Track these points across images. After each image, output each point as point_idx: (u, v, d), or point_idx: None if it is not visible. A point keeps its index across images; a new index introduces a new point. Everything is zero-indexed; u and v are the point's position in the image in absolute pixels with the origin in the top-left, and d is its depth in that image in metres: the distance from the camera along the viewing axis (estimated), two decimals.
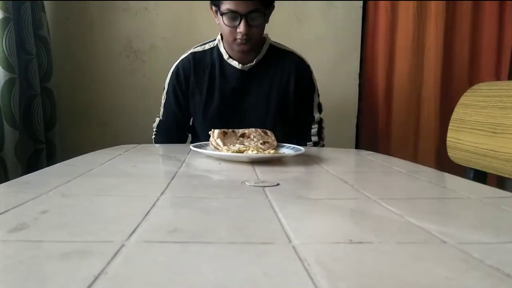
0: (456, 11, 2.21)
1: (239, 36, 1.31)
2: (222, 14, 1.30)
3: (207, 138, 1.13)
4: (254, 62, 1.42)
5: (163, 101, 1.50)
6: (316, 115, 1.49)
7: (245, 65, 1.42)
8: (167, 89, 1.48)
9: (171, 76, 1.48)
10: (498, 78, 2.21)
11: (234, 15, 1.28)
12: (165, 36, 2.10)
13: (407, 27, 2.21)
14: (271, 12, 1.41)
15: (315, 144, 1.47)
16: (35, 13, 1.77)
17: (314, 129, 1.48)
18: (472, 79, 2.22)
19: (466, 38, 2.22)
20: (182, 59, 1.47)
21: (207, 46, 1.48)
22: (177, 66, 1.47)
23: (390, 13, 2.20)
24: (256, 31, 1.34)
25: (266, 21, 1.39)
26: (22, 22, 1.69)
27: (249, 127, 1.18)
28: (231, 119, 1.40)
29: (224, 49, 1.44)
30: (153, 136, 1.52)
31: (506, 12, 2.21)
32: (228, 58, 1.43)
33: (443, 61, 2.22)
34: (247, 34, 1.30)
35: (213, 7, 1.36)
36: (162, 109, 1.50)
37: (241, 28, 1.28)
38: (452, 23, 2.21)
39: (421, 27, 2.21)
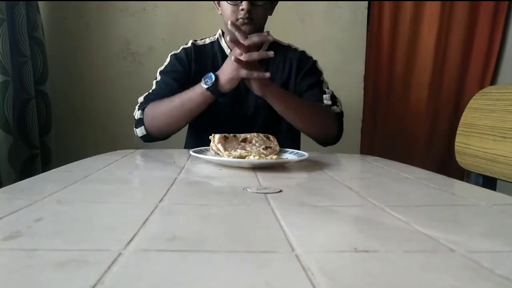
0: (453, 15, 2.23)
1: (241, 15, 1.30)
2: None
3: (205, 131, 1.11)
4: None
5: (154, 82, 1.43)
6: (327, 90, 1.42)
7: None
8: (164, 69, 1.44)
9: (170, 59, 1.45)
10: (482, 84, 2.23)
11: None
12: (164, 38, 2.11)
13: (408, 30, 2.22)
14: (274, 5, 1.42)
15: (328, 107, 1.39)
16: (30, 14, 1.78)
17: (326, 95, 1.39)
18: (463, 85, 2.25)
19: (461, 43, 2.24)
20: (184, 47, 1.47)
21: (207, 40, 1.49)
22: (175, 53, 1.46)
23: (393, 14, 2.21)
24: (259, 11, 1.33)
25: (269, 12, 1.39)
26: (17, 24, 1.70)
27: (252, 122, 1.16)
28: (233, 114, 1.41)
29: (226, 44, 1.44)
30: (137, 108, 1.38)
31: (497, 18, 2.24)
32: (230, 53, 1.39)
33: (445, 65, 2.23)
34: (250, 12, 1.29)
35: None
36: (154, 86, 1.42)
37: (244, 4, 1.28)
38: (451, 26, 2.23)
39: (418, 30, 2.23)
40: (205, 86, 1.19)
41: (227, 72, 1.17)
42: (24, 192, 0.66)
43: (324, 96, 1.39)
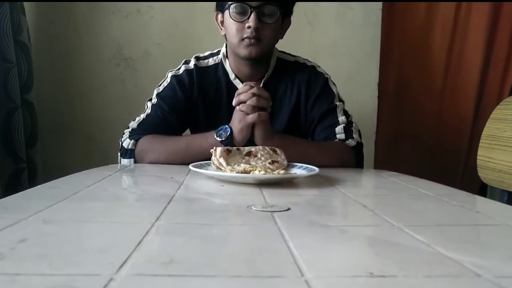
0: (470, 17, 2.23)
1: (247, 33, 1.27)
2: (228, 8, 1.28)
3: None
4: (261, 84, 1.39)
5: (149, 104, 1.40)
6: (341, 118, 1.41)
7: None
8: (162, 91, 1.40)
9: (170, 82, 1.41)
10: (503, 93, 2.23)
11: (243, 8, 1.26)
12: (160, 42, 2.12)
13: (426, 33, 2.22)
14: (286, 28, 1.42)
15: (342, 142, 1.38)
16: (14, 16, 1.78)
17: (339, 127, 1.39)
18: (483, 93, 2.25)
19: (483, 47, 2.24)
20: (186, 68, 1.42)
21: (211, 61, 1.45)
22: (176, 74, 1.42)
23: (408, 17, 2.22)
24: (267, 32, 1.30)
25: (280, 34, 1.39)
26: (1, 27, 1.71)
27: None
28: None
29: (230, 66, 1.42)
30: (128, 136, 1.35)
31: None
32: (234, 79, 1.42)
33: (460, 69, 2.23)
34: (257, 29, 1.26)
35: (219, 14, 1.37)
36: (149, 111, 1.40)
37: (251, 21, 1.25)
38: (470, 28, 2.23)
39: (434, 33, 2.24)
40: (219, 139, 1.22)
41: (236, 123, 1.22)
42: (7, 210, 0.66)
43: (337, 129, 1.39)
